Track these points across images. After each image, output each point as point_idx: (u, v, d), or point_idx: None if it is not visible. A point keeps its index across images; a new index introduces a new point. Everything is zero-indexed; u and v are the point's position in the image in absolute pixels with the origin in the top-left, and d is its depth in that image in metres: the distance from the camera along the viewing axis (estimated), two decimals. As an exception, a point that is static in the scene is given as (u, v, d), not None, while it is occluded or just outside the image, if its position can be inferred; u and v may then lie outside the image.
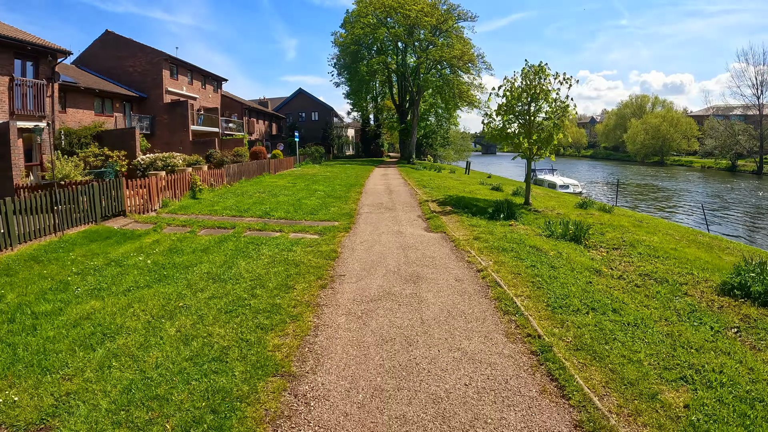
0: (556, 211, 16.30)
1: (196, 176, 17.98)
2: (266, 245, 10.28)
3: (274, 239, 10.87)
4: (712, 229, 23.36)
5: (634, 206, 33.09)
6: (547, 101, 16.51)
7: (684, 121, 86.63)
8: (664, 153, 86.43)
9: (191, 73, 41.84)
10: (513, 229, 12.37)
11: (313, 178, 25.96)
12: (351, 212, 14.69)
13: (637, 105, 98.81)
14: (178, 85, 39.68)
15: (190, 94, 40.93)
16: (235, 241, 10.83)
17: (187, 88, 40.92)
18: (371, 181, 25.78)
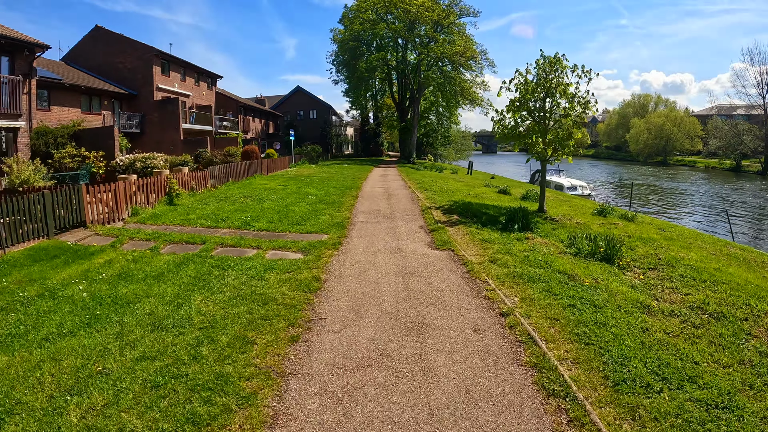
0: (575, 220, 14.30)
1: (173, 180, 15.96)
2: (234, 269, 8.26)
3: (247, 261, 8.85)
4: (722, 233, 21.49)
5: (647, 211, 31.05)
6: (566, 96, 14.49)
7: (687, 121, 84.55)
8: (667, 153, 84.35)
9: (184, 69, 39.81)
10: (532, 245, 10.35)
11: (307, 180, 23.93)
12: (344, 222, 12.66)
13: (640, 104, 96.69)
14: (169, 81, 37.66)
15: (182, 91, 38.90)
16: (200, 263, 8.82)
17: (179, 85, 38.89)
18: (369, 184, 23.76)
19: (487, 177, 36.31)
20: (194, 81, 41.13)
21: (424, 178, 27.04)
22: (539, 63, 15.16)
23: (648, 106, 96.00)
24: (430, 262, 8.78)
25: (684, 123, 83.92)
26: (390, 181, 25.48)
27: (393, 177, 28.10)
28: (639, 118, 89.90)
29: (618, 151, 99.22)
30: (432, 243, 10.36)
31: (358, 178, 26.22)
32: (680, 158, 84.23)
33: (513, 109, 14.75)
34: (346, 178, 25.36)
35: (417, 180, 25.35)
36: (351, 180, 24.59)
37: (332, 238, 10.79)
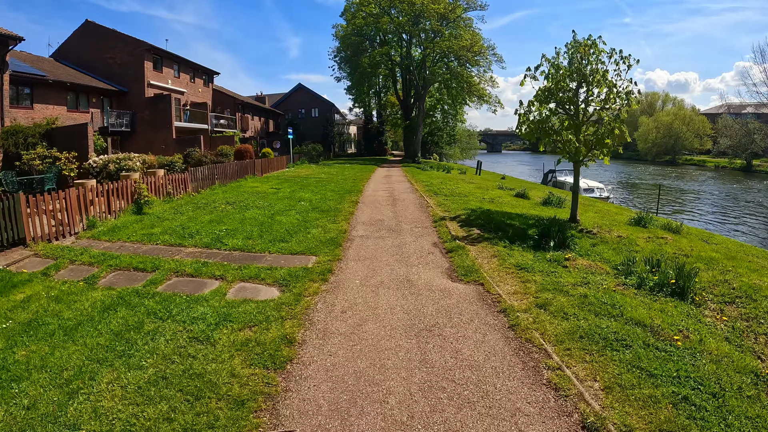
0: (615, 233, 11.72)
1: (141, 185, 13.44)
2: (176, 320, 5.71)
3: (198, 304, 6.29)
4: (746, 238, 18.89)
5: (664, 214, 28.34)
6: (606, 85, 11.87)
7: (697, 119, 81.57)
8: (675, 152, 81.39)
9: (178, 65, 37.33)
10: (584, 276, 7.74)
11: (303, 182, 21.38)
12: (339, 237, 10.09)
13: (647, 102, 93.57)
14: (162, 78, 35.21)
15: (176, 87, 36.43)
16: (135, 306, 6.28)
17: (173, 82, 36.43)
18: (371, 186, 21.18)
19: (497, 178, 33.67)
20: (189, 77, 38.66)
21: (432, 179, 24.45)
22: (571, 47, 12.58)
23: (655, 105, 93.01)
24: (453, 305, 6.18)
25: (693, 121, 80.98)
26: (395, 182, 22.90)
27: (398, 178, 25.52)
28: (647, 116, 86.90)
29: (625, 149, 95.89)
30: (452, 270, 7.77)
31: (360, 179, 23.65)
32: (689, 157, 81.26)
33: (541, 100, 12.14)
34: (347, 180, 22.78)
35: (424, 182, 22.76)
36: (351, 182, 22.02)
37: (322, 262, 8.23)
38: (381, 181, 23.72)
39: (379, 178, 25.56)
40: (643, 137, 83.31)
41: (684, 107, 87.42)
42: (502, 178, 32.16)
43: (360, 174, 26.80)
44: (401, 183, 22.62)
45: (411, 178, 25.40)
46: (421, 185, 21.19)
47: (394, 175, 28.01)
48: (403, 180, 24.20)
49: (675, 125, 79.81)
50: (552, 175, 33.27)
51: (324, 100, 56.40)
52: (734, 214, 30.44)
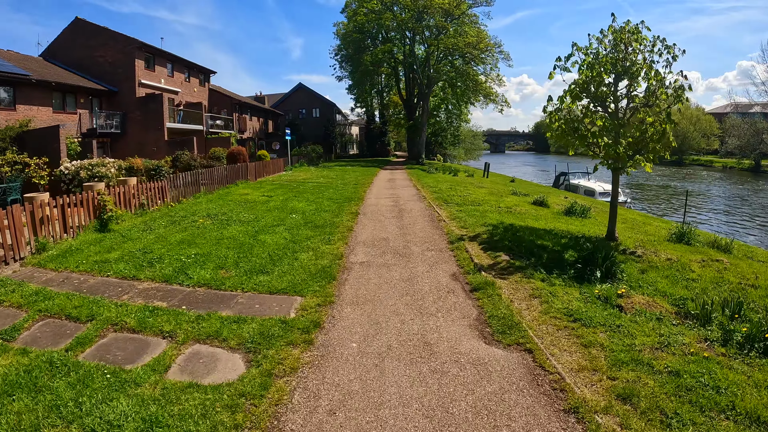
0: (663, 255, 9.67)
1: (105, 197, 11.38)
2: (83, 427, 3.69)
3: (126, 388, 4.23)
4: None
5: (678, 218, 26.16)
6: (655, 79, 9.77)
7: (704, 119, 79.22)
8: (682, 152, 78.97)
9: (172, 64, 35.30)
10: (655, 328, 5.70)
11: (299, 188, 19.31)
12: (333, 266, 8.00)
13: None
14: (155, 77, 33.19)
15: (169, 87, 34.42)
16: (39, 391, 4.22)
17: (167, 81, 34.41)
18: (374, 192, 19.09)
19: (505, 180, 31.55)
20: (184, 77, 36.64)
21: (439, 183, 22.34)
22: (606, 34, 10.50)
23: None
24: (494, 396, 4.09)
25: (700, 121, 78.62)
26: (399, 188, 20.80)
27: (402, 182, 23.42)
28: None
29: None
30: (483, 323, 5.67)
31: (362, 184, 21.57)
32: (696, 158, 78.91)
33: (576, 95, 10.03)
34: (347, 185, 20.69)
35: (431, 186, 20.65)
36: (352, 187, 19.93)
37: (308, 307, 6.14)
38: (384, 186, 21.62)
39: (382, 182, 23.48)
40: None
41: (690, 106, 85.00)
42: (511, 181, 30.06)
43: (361, 178, 24.72)
44: (406, 188, 20.52)
45: (416, 182, 23.31)
46: (429, 191, 19.09)
47: (398, 178, 25.93)
48: (408, 185, 22.09)
49: (682, 125, 77.36)
50: (564, 177, 31.12)
51: (325, 100, 54.27)
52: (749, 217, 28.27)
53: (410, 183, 22.97)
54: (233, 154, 22.77)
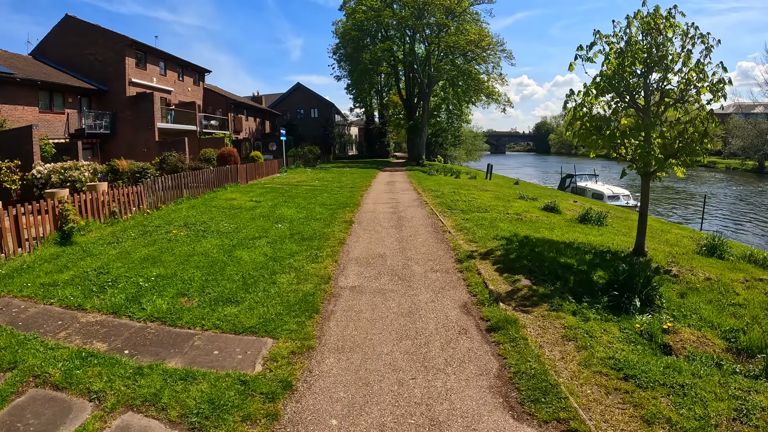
0: (701, 273, 8.34)
1: (67, 205, 9.97)
2: None
3: None
4: None
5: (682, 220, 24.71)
6: (696, 71, 8.37)
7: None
8: (684, 152, 77.45)
9: (164, 62, 33.92)
10: (722, 381, 4.30)
11: (292, 192, 17.91)
12: (317, 293, 6.60)
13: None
14: (146, 75, 31.80)
15: (161, 86, 33.04)
16: None
17: (159, 80, 33.02)
18: (372, 196, 17.70)
19: (509, 182, 30.14)
20: (177, 75, 35.26)
21: (441, 186, 20.93)
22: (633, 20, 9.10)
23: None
24: None
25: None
26: (399, 191, 19.38)
27: (402, 185, 22.00)
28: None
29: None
30: (508, 385, 4.24)
31: (359, 187, 20.15)
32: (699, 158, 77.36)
33: (603, 89, 8.62)
34: (343, 189, 19.27)
35: (433, 190, 19.23)
36: (348, 191, 18.52)
37: (279, 357, 4.72)
38: (383, 189, 20.20)
39: (380, 185, 22.07)
40: (651, 138, 79.51)
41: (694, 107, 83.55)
42: (515, 183, 28.65)
43: (359, 180, 23.31)
44: (406, 192, 19.10)
45: (417, 185, 21.89)
46: (430, 195, 17.67)
47: (398, 181, 24.52)
48: (409, 188, 20.66)
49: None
50: (570, 180, 29.69)
51: (324, 100, 52.81)
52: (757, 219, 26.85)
53: (410, 186, 21.55)
54: (224, 156, 21.38)
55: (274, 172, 25.84)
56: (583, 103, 8.98)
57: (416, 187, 21.03)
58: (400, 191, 19.41)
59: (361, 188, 19.74)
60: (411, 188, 20.56)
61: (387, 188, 20.63)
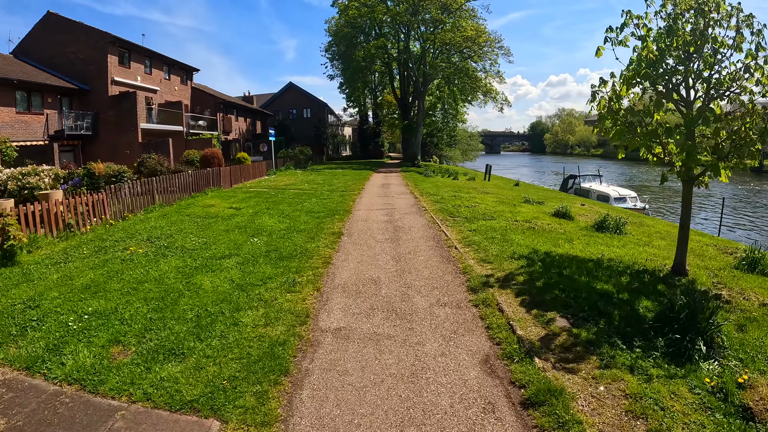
0: (756, 298, 6.88)
1: (9, 219, 8.34)
2: None
3: None
4: None
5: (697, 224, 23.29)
6: (752, 57, 6.88)
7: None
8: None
9: (150, 60, 32.21)
10: None
11: (277, 197, 16.32)
12: (288, 343, 4.97)
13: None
14: (130, 74, 30.10)
15: (146, 85, 31.34)
16: None
17: (143, 79, 31.32)
18: (364, 201, 16.14)
19: (509, 184, 28.66)
20: (164, 74, 33.56)
21: (440, 189, 19.39)
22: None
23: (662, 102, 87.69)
24: None
25: (698, 120, 75.90)
26: (394, 195, 17.82)
27: (398, 188, 20.44)
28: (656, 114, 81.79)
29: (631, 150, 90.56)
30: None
31: (351, 190, 18.58)
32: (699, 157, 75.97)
33: (645, 75, 7.11)
34: (334, 192, 17.70)
35: (431, 194, 17.69)
36: (339, 196, 16.95)
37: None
38: (377, 193, 18.62)
39: (374, 188, 20.51)
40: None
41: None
42: (516, 184, 27.17)
43: (351, 183, 21.75)
44: (403, 197, 17.55)
45: (414, 187, 20.35)
46: (429, 200, 16.14)
47: (393, 183, 22.98)
48: (405, 192, 19.10)
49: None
50: (574, 180, 28.26)
51: (317, 100, 51.14)
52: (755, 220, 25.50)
53: (407, 189, 20.00)
54: (207, 158, 19.74)
55: (261, 174, 24.22)
56: (619, 94, 7.46)
57: (413, 190, 19.48)
58: (395, 195, 17.84)
59: (353, 192, 18.16)
60: (407, 192, 19.00)
61: (381, 192, 19.06)
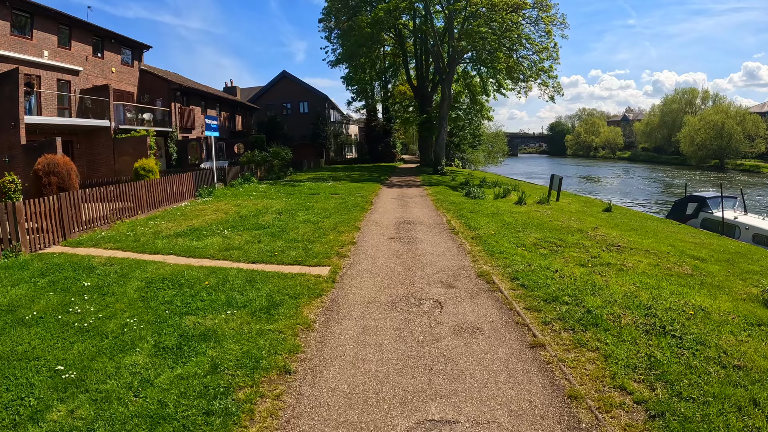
0: None
1: None
2: None
3: None
4: None
5: None
6: None
7: (749, 119, 64.21)
8: (725, 155, 64.05)
9: (68, 30, 21.23)
10: None
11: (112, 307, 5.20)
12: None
13: (685, 100, 76.20)
14: (29, 47, 19.20)
15: (60, 64, 20.43)
16: None
17: (54, 55, 20.40)
18: (367, 288, 4.92)
19: (588, 205, 17.28)
20: (92, 50, 22.53)
21: (506, 227, 8.21)
22: None
23: (695, 102, 75.60)
24: None
25: (746, 121, 63.70)
26: (427, 248, 6.64)
27: (429, 224, 9.32)
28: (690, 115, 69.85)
29: (659, 153, 78.62)
30: None
31: (339, 236, 7.50)
32: (740, 162, 63.78)
33: None
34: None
35: (503, 253, 6.42)
36: (267, 302, 5.74)
37: None
38: (391, 237, 7.48)
39: (385, 221, 9.41)
40: (688, 138, 66.11)
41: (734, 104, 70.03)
42: (606, 209, 15.72)
43: (338, 215, 10.68)
44: (447, 255, 6.30)
45: (458, 222, 9.19)
46: (503, 272, 4.78)
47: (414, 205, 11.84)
48: (451, 246, 7.82)
49: (727, 125, 62.53)
50: (697, 206, 16.70)
51: (315, 92, 39.77)
52: None
53: (444, 225, 8.78)
54: (38, 175, 8.77)
55: (179, 198, 13.01)
56: None
57: (458, 228, 8.21)
58: (429, 247, 6.64)
59: (339, 243, 7.02)
60: (447, 233, 7.75)
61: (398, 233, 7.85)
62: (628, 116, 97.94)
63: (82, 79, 21.67)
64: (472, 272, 6.05)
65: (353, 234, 8.62)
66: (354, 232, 8.80)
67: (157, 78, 25.67)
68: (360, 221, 10.08)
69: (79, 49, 21.74)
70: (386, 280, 5.82)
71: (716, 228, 15.04)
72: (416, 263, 6.58)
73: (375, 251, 7.39)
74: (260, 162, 20.26)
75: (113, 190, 10.13)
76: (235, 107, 32.64)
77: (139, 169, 12.29)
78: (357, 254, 7.18)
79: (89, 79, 22.14)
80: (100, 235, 8.86)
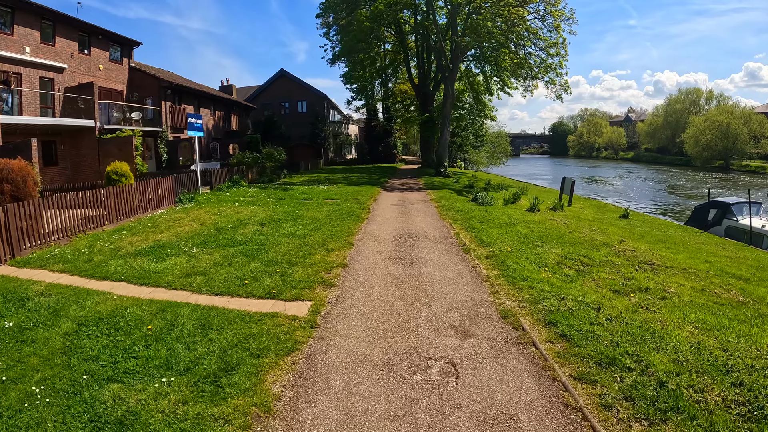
0: None
1: None
2: None
3: None
4: None
5: None
6: None
7: (755, 119, 62.78)
8: (730, 156, 62.61)
9: (52, 25, 19.95)
10: None
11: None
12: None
13: (690, 101, 74.69)
14: (11, 44, 17.96)
15: (43, 60, 19.16)
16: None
17: (37, 51, 19.11)
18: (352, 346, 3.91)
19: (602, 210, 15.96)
20: (77, 47, 21.23)
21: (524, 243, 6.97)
22: None
23: (699, 102, 74.09)
24: None
25: (752, 121, 62.29)
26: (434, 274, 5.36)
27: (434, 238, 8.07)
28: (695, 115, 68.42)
29: (662, 153, 77.13)
30: None
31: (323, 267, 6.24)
32: (745, 163, 62.30)
33: None
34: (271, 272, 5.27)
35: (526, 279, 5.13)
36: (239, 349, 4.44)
37: None
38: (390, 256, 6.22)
39: (383, 234, 8.13)
40: (693, 139, 64.63)
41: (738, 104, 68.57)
42: (623, 215, 14.36)
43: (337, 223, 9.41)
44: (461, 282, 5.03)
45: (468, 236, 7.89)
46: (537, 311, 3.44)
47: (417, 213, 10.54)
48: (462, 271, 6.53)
49: (733, 125, 61.06)
50: (720, 212, 15.34)
51: (314, 91, 38.45)
52: None
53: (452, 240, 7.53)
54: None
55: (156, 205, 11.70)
56: None
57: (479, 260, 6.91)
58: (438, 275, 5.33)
59: (309, 285, 5.71)
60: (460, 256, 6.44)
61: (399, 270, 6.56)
62: (630, 116, 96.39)
63: (67, 77, 20.40)
64: (493, 311, 4.72)
65: (345, 252, 7.28)
66: (346, 250, 7.46)
67: (147, 75, 24.35)
68: (354, 234, 8.73)
69: (64, 46, 20.46)
70: (382, 325, 4.48)
71: (741, 236, 13.70)
72: (421, 296, 5.26)
73: (369, 277, 6.05)
74: (251, 163, 18.91)
75: (81, 197, 8.81)
76: (230, 106, 31.30)
77: (111, 174, 10.94)
78: (347, 282, 5.84)
79: (75, 76, 20.86)
80: (53, 252, 7.54)
